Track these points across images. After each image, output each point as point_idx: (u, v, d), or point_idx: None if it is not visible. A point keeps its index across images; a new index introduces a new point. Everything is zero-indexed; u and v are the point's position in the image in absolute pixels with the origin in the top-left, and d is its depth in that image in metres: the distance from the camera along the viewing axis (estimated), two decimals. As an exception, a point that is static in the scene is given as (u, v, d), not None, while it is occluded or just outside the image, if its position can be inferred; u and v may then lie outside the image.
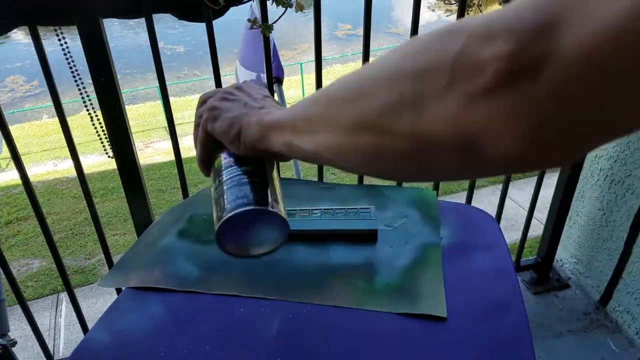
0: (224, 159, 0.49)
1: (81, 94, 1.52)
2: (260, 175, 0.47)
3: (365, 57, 1.25)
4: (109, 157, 1.52)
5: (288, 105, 0.53)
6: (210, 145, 0.51)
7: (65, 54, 1.29)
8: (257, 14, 1.19)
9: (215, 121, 0.48)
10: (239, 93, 0.50)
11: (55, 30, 1.26)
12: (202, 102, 0.53)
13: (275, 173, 0.50)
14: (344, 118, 0.33)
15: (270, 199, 0.45)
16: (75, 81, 1.46)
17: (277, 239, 0.47)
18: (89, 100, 1.57)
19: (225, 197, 0.45)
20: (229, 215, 0.43)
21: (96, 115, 1.57)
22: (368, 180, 1.40)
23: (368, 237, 0.84)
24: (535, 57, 0.22)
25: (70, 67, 1.30)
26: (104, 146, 1.52)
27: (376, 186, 1.01)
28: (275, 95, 2.81)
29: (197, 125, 0.52)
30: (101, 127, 1.55)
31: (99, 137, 1.52)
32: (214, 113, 0.49)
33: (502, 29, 0.24)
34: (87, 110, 1.54)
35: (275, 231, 0.46)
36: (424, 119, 0.27)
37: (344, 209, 0.88)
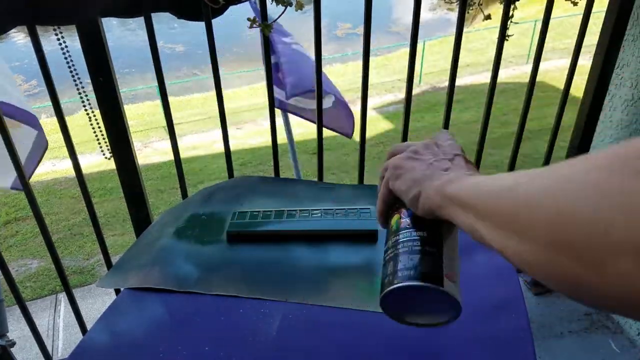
0: (402, 217, 0.47)
1: (79, 93, 1.51)
2: (436, 244, 0.44)
3: (366, 57, 1.25)
4: (106, 158, 1.52)
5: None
6: (389, 201, 0.51)
7: (64, 54, 1.29)
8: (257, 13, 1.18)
9: (397, 180, 0.48)
10: (426, 152, 0.49)
11: (54, 29, 1.25)
12: (391, 154, 0.52)
13: (454, 240, 0.47)
14: (539, 231, 0.29)
15: (442, 275, 0.42)
16: (74, 81, 1.45)
17: (446, 314, 0.43)
18: (87, 100, 1.57)
19: (396, 261, 0.44)
20: (395, 286, 0.42)
21: (94, 116, 1.56)
22: (368, 180, 1.40)
23: (368, 237, 0.83)
24: None
25: (69, 67, 1.30)
26: (101, 147, 1.51)
27: (376, 186, 1.00)
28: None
29: (381, 179, 0.52)
30: (99, 127, 1.55)
31: (96, 138, 1.51)
32: (396, 172, 0.48)
33: None
34: (86, 110, 1.53)
35: (444, 306, 0.42)
36: None
37: (344, 209, 0.87)
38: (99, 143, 1.50)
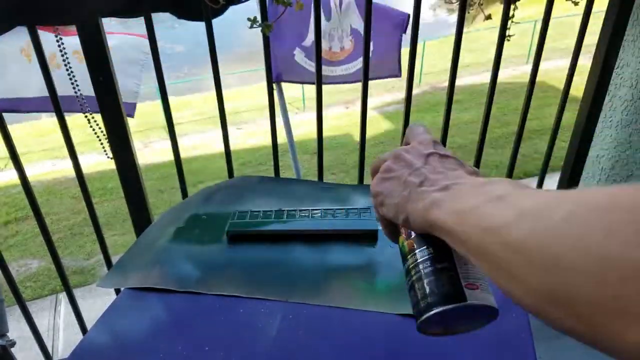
0: (406, 237, 0.46)
1: (77, 95, 1.51)
2: (446, 258, 0.42)
3: (366, 57, 1.25)
4: (109, 158, 1.52)
5: (289, 106, 0.50)
6: (389, 226, 0.49)
7: (62, 54, 1.29)
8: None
9: (382, 207, 0.46)
10: (398, 166, 0.45)
11: (54, 30, 1.26)
12: (372, 172, 0.50)
13: None
14: (532, 279, 0.28)
15: (462, 288, 0.40)
16: (72, 82, 1.45)
17: (484, 316, 0.42)
18: (84, 101, 1.57)
19: (416, 290, 0.43)
20: (423, 317, 0.41)
21: (92, 117, 1.56)
22: (368, 180, 1.39)
23: (368, 237, 0.83)
24: None
25: (67, 68, 1.30)
26: (103, 147, 1.51)
27: None
28: (276, 94, 2.80)
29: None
30: (99, 128, 1.55)
31: (98, 139, 1.52)
32: (378, 199, 0.46)
33: None
34: (84, 112, 1.53)
35: (478, 311, 0.41)
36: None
37: (344, 209, 0.87)
38: (101, 143, 1.51)
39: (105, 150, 1.53)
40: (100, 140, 1.54)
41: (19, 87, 2.28)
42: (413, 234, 0.45)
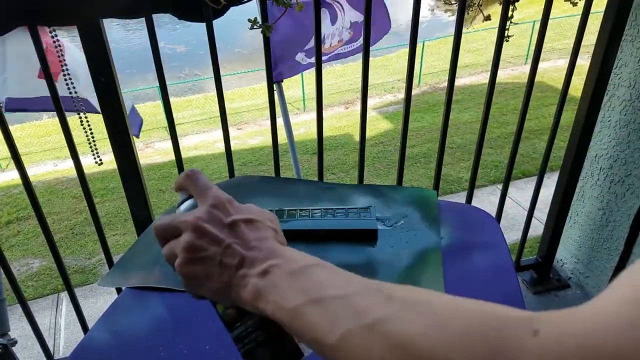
0: (225, 307, 0.45)
1: (70, 94, 1.52)
2: (272, 321, 0.42)
3: (365, 57, 1.25)
4: (97, 163, 1.52)
5: (289, 107, 0.49)
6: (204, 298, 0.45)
7: (59, 56, 1.30)
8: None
9: (200, 289, 0.42)
10: (202, 243, 0.41)
11: (50, 32, 1.26)
12: (160, 237, 0.44)
13: None
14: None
15: (297, 345, 0.44)
16: (67, 83, 1.46)
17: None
18: (80, 103, 1.57)
19: (254, 355, 0.44)
20: None
21: (87, 119, 1.57)
22: (368, 180, 1.40)
23: (368, 237, 0.84)
24: None
25: (63, 70, 1.31)
26: (93, 153, 1.51)
27: (376, 186, 1.01)
28: (276, 94, 2.81)
29: (172, 267, 0.44)
30: (91, 132, 1.55)
31: (88, 142, 1.52)
32: (193, 283, 0.42)
33: None
34: (78, 114, 1.54)
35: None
36: None
37: (344, 208, 0.88)
38: (90, 147, 1.51)
39: (94, 155, 1.53)
40: (90, 144, 1.55)
41: (27, 87, 2.31)
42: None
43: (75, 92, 1.55)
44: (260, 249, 0.41)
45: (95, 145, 1.54)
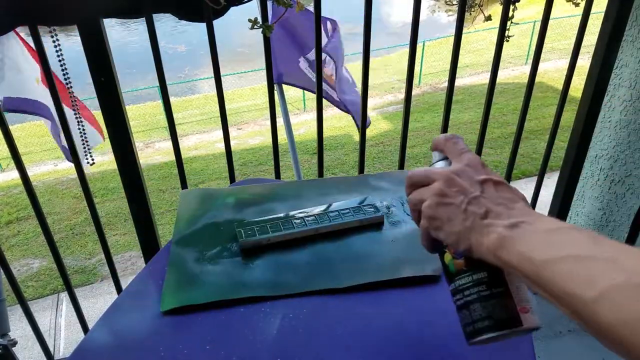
0: (456, 256, 0.46)
1: (70, 94, 1.53)
2: (500, 281, 0.43)
3: (366, 57, 1.25)
4: (89, 164, 1.53)
5: (289, 107, 0.50)
6: (431, 240, 0.47)
7: (58, 55, 1.30)
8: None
9: (438, 231, 0.45)
10: (453, 190, 0.44)
11: (50, 31, 1.26)
12: (411, 186, 0.48)
13: None
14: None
15: (517, 313, 0.43)
16: (67, 83, 1.46)
17: (530, 331, 0.45)
18: (75, 103, 1.58)
19: (470, 310, 0.44)
20: (478, 338, 0.44)
21: (81, 121, 1.58)
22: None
23: (375, 226, 0.86)
24: None
25: (63, 69, 1.31)
26: (86, 153, 1.52)
27: (385, 174, 1.02)
28: (276, 94, 2.82)
29: (414, 217, 0.48)
30: (84, 132, 1.56)
31: (83, 144, 1.52)
32: (434, 224, 0.45)
33: None
34: (75, 115, 1.55)
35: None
36: None
37: (348, 209, 0.89)
38: (84, 147, 1.51)
39: (87, 156, 1.54)
40: (83, 143, 1.56)
41: (26, 87, 2.32)
42: (463, 255, 0.45)
43: (73, 95, 1.57)
44: (508, 207, 0.41)
45: (88, 145, 1.55)
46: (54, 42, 1.24)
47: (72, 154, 1.21)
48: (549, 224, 0.38)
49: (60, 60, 1.33)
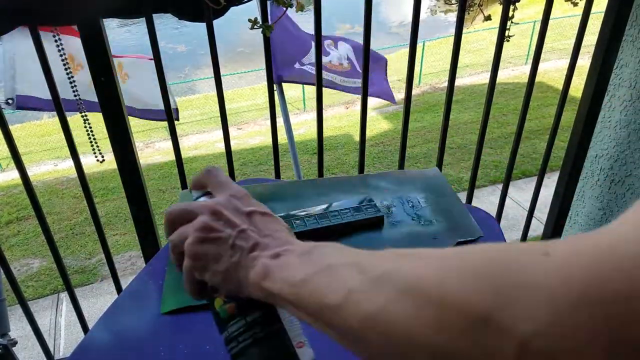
0: (224, 302, 0.43)
1: (75, 95, 1.53)
2: (275, 319, 0.42)
3: (366, 57, 1.25)
4: (98, 161, 1.53)
5: (289, 107, 0.49)
6: (198, 284, 0.43)
7: (61, 55, 1.30)
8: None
9: (204, 272, 0.41)
10: (220, 225, 0.41)
11: (52, 31, 1.27)
12: (171, 224, 0.43)
13: None
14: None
15: (294, 351, 0.42)
16: (70, 83, 1.46)
17: None
18: (81, 102, 1.58)
19: (247, 355, 0.41)
20: None
21: (87, 119, 1.58)
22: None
23: (375, 225, 0.87)
24: None
25: (66, 69, 1.31)
26: (93, 150, 1.52)
27: (384, 173, 1.02)
28: (276, 94, 2.82)
29: (175, 259, 0.43)
30: (91, 130, 1.57)
31: (90, 141, 1.53)
32: (199, 263, 0.41)
33: None
34: (81, 113, 1.55)
35: None
36: None
37: (348, 208, 0.89)
38: (92, 145, 1.52)
39: (95, 153, 1.54)
40: (91, 142, 1.56)
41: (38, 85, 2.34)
42: (234, 298, 0.43)
43: (78, 95, 1.57)
44: (274, 237, 0.41)
45: (96, 142, 1.55)
46: (55, 41, 1.25)
47: (73, 156, 1.21)
48: (306, 246, 0.38)
49: (63, 60, 1.33)
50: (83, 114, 1.63)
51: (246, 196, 0.44)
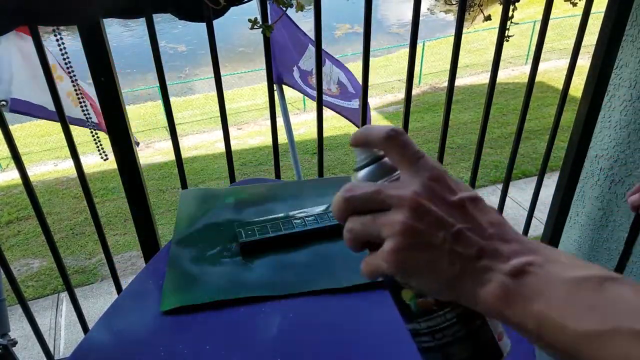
0: (416, 295, 0.37)
1: (78, 96, 1.53)
2: (475, 313, 0.36)
3: (365, 57, 1.25)
4: (103, 159, 1.54)
5: (289, 107, 0.45)
6: (389, 280, 0.36)
7: (62, 55, 1.30)
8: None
9: (418, 279, 0.33)
10: (427, 226, 0.31)
11: (54, 31, 1.26)
12: (349, 209, 0.34)
13: None
14: None
15: (497, 345, 0.37)
16: (73, 85, 1.46)
17: None
18: (84, 103, 1.58)
19: (445, 353, 0.37)
20: None
21: (90, 119, 1.58)
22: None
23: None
24: None
25: (68, 69, 1.31)
26: (98, 149, 1.53)
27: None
28: (276, 94, 2.82)
29: (352, 244, 0.35)
30: (96, 132, 1.57)
31: (94, 140, 1.53)
32: (408, 272, 0.32)
33: None
34: (84, 113, 1.55)
35: None
36: None
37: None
38: (96, 144, 1.52)
39: (100, 152, 1.54)
40: (96, 141, 1.56)
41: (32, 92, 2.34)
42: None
43: (83, 97, 1.57)
44: (502, 238, 0.32)
45: (99, 140, 1.55)
46: (57, 40, 1.24)
47: (73, 156, 1.21)
48: (571, 269, 0.30)
49: (65, 60, 1.33)
50: (87, 115, 1.63)
51: (444, 175, 0.34)
